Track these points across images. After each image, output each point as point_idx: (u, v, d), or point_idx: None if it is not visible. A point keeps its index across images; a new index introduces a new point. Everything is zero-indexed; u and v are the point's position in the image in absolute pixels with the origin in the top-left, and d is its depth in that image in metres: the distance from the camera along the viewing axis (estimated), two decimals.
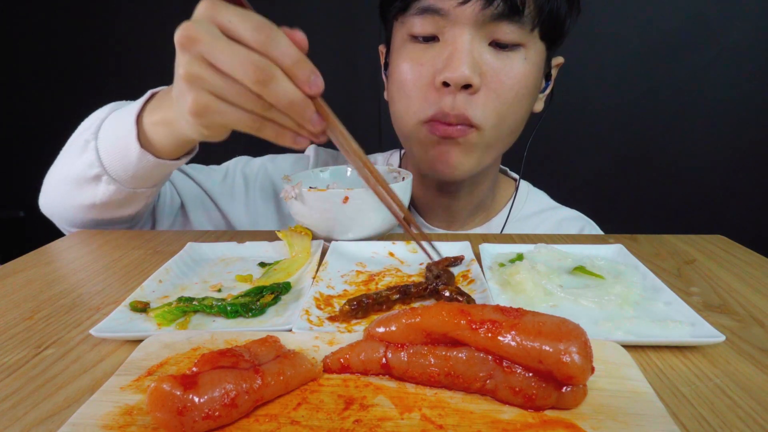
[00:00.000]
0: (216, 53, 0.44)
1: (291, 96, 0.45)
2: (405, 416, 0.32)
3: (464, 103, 0.69)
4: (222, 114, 0.47)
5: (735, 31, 1.74)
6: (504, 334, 0.33)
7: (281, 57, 0.44)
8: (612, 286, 0.51)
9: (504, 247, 0.63)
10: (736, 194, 1.90)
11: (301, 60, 0.45)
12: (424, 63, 0.71)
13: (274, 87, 0.44)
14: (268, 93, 0.44)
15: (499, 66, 0.69)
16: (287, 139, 0.48)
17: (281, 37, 0.44)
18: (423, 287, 0.51)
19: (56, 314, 0.50)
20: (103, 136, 0.66)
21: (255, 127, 0.48)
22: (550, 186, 0.98)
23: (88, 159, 0.66)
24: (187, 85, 0.46)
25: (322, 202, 0.63)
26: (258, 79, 0.43)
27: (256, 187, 0.91)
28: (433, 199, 0.87)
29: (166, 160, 0.65)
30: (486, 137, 0.73)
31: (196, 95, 0.46)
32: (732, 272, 0.60)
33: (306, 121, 0.47)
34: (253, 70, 0.43)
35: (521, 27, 0.68)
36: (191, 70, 0.45)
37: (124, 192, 0.69)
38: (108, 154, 0.65)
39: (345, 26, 1.91)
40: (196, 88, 0.46)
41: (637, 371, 0.36)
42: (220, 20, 0.44)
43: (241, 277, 0.58)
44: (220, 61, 0.44)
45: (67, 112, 2.09)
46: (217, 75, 0.45)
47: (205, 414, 0.30)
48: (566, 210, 0.93)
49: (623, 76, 1.83)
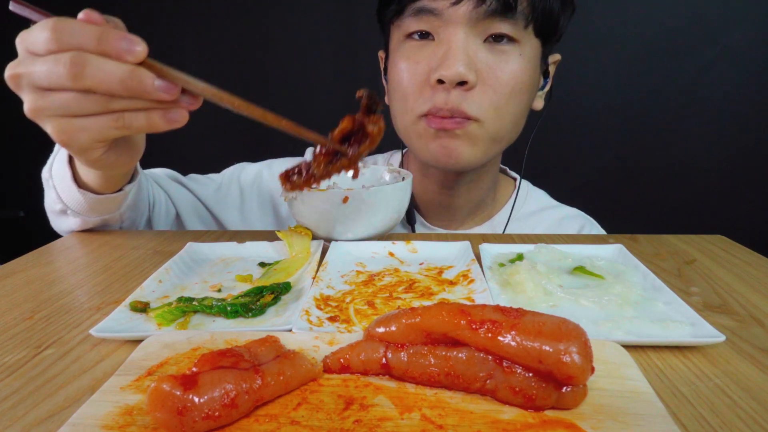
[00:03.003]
0: (35, 75, 0.43)
1: (115, 72, 0.42)
2: (405, 416, 0.32)
3: (459, 99, 0.70)
4: (82, 129, 0.46)
5: (735, 31, 1.74)
6: (504, 334, 0.33)
7: (82, 42, 0.42)
8: (612, 286, 0.51)
9: (504, 247, 0.63)
10: (736, 194, 1.90)
11: (103, 34, 0.42)
12: (419, 61, 0.72)
13: (91, 71, 0.42)
14: (91, 81, 0.42)
15: (494, 62, 0.70)
16: (158, 121, 0.46)
17: (73, 25, 0.42)
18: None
19: (56, 314, 0.50)
20: (55, 174, 0.67)
21: (120, 126, 0.46)
22: (550, 186, 0.98)
23: (52, 195, 0.69)
24: (37, 119, 0.46)
25: (322, 202, 0.63)
26: (71, 72, 0.41)
27: (252, 194, 0.92)
28: (433, 198, 0.87)
29: (107, 194, 0.66)
30: (489, 129, 0.73)
31: (51, 125, 0.46)
32: (732, 272, 0.60)
33: (151, 92, 0.43)
34: (63, 65, 0.42)
35: (515, 23, 0.69)
36: (31, 104, 0.45)
37: (91, 221, 0.72)
38: (62, 191, 0.67)
39: (345, 28, 1.91)
40: (46, 121, 0.46)
41: (637, 371, 0.36)
42: (26, 45, 0.44)
43: (241, 277, 0.58)
44: (39, 79, 0.43)
45: None
46: (51, 96, 0.44)
47: (205, 414, 0.30)
48: (566, 208, 0.93)
49: (623, 76, 1.83)
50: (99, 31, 0.42)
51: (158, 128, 0.47)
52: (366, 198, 0.63)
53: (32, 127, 0.49)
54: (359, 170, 0.53)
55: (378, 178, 0.77)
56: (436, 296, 0.52)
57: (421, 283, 0.55)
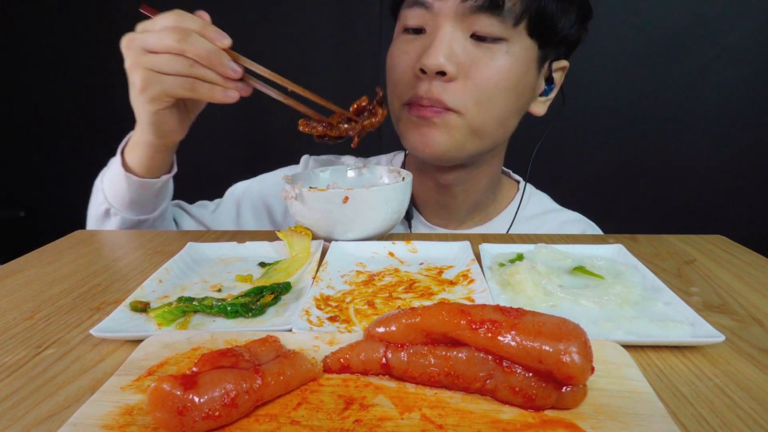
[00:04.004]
0: (148, 40, 0.60)
1: (207, 46, 0.59)
2: (405, 416, 0.32)
3: (440, 89, 0.71)
4: (161, 82, 0.61)
5: (735, 31, 1.74)
6: (504, 334, 0.33)
7: (191, 25, 0.59)
8: (612, 286, 0.51)
9: (504, 247, 0.63)
10: (736, 194, 1.90)
11: (207, 24, 0.60)
12: (409, 52, 0.75)
13: (192, 41, 0.58)
14: (188, 48, 0.58)
15: (478, 56, 0.71)
16: (217, 93, 0.61)
17: (187, 15, 0.60)
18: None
19: (56, 314, 0.50)
20: (105, 178, 0.79)
21: (189, 88, 0.61)
22: (550, 186, 0.98)
23: (99, 198, 0.79)
24: (131, 71, 0.62)
25: (322, 202, 0.63)
26: (178, 38, 0.58)
27: (246, 206, 0.95)
28: (431, 197, 0.88)
29: (146, 178, 0.75)
30: (469, 122, 0.73)
31: (140, 74, 0.61)
32: (732, 272, 0.60)
33: (225, 68, 0.60)
34: (173, 35, 0.58)
35: (502, 21, 0.69)
36: (132, 59, 0.61)
37: (128, 221, 0.79)
38: (109, 190, 0.78)
39: (345, 26, 1.91)
40: (138, 69, 0.61)
41: (637, 371, 0.36)
42: (144, 26, 0.62)
43: (241, 277, 0.58)
44: (151, 43, 0.60)
45: (67, 112, 2.11)
46: (151, 55, 0.60)
47: (205, 414, 0.31)
48: (568, 212, 0.93)
49: (623, 77, 1.82)
50: (204, 22, 0.60)
51: (214, 98, 0.62)
52: (366, 198, 0.63)
53: (33, 127, 0.50)
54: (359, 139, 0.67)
55: (378, 178, 0.77)
56: (436, 296, 0.52)
57: (421, 283, 0.55)
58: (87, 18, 1.98)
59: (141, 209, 0.79)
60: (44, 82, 2.08)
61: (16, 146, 2.16)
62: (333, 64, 1.95)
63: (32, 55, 2.06)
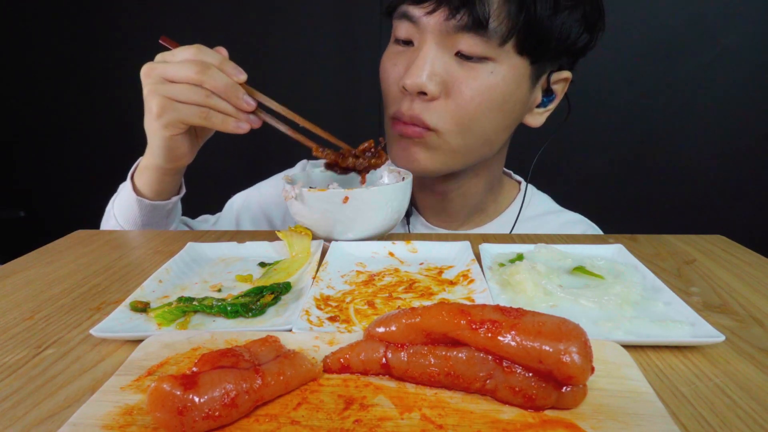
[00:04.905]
0: (168, 70, 0.63)
1: (225, 80, 0.62)
2: (405, 416, 0.32)
3: (421, 108, 0.72)
4: (177, 110, 0.63)
5: (735, 31, 1.74)
6: (504, 334, 0.33)
7: (211, 59, 0.63)
8: (612, 286, 0.51)
9: (504, 247, 0.63)
10: (736, 194, 1.90)
11: (225, 60, 0.64)
12: (397, 64, 0.75)
13: (211, 74, 0.62)
14: (206, 80, 0.61)
15: (461, 77, 0.70)
16: (230, 124, 0.64)
17: (207, 50, 0.64)
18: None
19: (56, 314, 0.50)
20: (116, 204, 0.82)
21: (203, 117, 0.63)
22: (550, 186, 0.98)
23: (111, 223, 0.82)
24: (149, 97, 0.64)
25: (322, 202, 0.63)
26: (197, 69, 0.61)
27: (245, 216, 0.96)
28: (428, 201, 0.88)
29: (156, 201, 0.78)
30: (448, 141, 0.73)
31: (157, 101, 0.63)
32: (732, 272, 0.60)
33: (240, 101, 0.63)
34: (194, 67, 0.61)
35: (487, 41, 0.67)
36: (151, 87, 0.64)
37: None
38: (121, 215, 0.80)
39: (345, 28, 1.91)
40: (156, 96, 0.63)
41: (637, 371, 0.36)
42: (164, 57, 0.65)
43: (241, 277, 0.58)
44: (171, 73, 0.62)
45: (67, 113, 2.11)
46: (169, 84, 0.63)
47: (205, 414, 0.31)
48: (570, 214, 0.93)
49: (623, 76, 1.83)
50: (223, 57, 0.64)
51: (226, 128, 0.65)
52: (366, 198, 0.63)
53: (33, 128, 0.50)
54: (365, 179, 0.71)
55: (378, 178, 0.77)
56: (436, 296, 0.52)
57: (421, 283, 0.55)
58: (88, 19, 1.98)
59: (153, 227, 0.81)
60: (45, 83, 2.08)
61: (17, 146, 2.16)
62: (332, 66, 1.95)
63: (33, 56, 2.06)
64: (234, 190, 1.00)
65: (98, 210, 0.86)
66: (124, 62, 2.07)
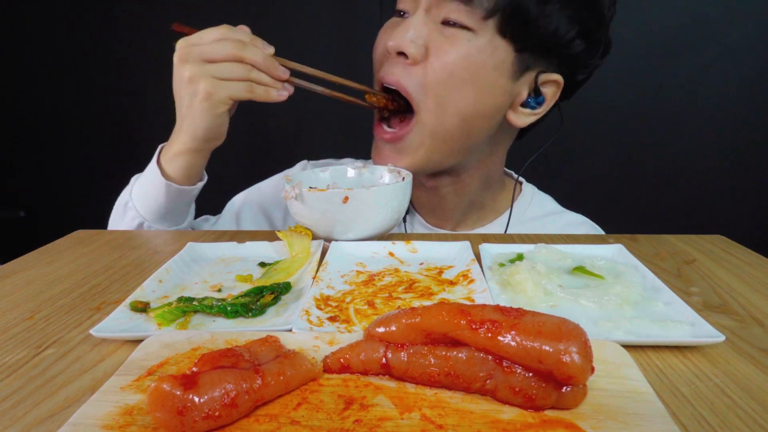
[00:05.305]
0: (205, 50, 0.66)
1: (261, 53, 0.67)
2: (405, 416, 0.32)
3: (400, 72, 0.73)
4: (225, 87, 0.67)
5: (735, 31, 1.74)
6: (504, 334, 0.33)
7: (243, 37, 0.67)
8: (612, 286, 0.51)
9: (504, 247, 0.63)
10: (736, 194, 1.90)
11: (254, 37, 0.69)
12: (387, 31, 0.78)
13: (248, 49, 0.66)
14: (246, 55, 0.66)
15: (441, 41, 0.72)
16: (272, 93, 0.69)
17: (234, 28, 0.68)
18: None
19: (56, 314, 0.50)
20: (135, 193, 0.80)
21: (249, 90, 0.68)
22: (550, 186, 0.98)
23: (130, 214, 0.80)
24: (194, 81, 0.67)
25: (322, 202, 0.63)
26: (236, 46, 0.66)
27: (245, 215, 0.96)
28: (422, 197, 0.89)
29: (185, 185, 0.77)
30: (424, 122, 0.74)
31: (204, 83, 0.66)
32: (732, 272, 0.60)
33: (278, 71, 0.69)
34: (233, 45, 0.66)
35: (471, 11, 0.70)
36: (194, 71, 0.66)
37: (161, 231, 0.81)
38: (141, 204, 0.79)
39: (345, 24, 1.91)
40: (203, 78, 0.66)
41: (637, 371, 0.36)
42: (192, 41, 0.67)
43: (241, 277, 0.58)
44: (210, 53, 0.66)
45: (67, 113, 2.11)
46: (212, 64, 0.66)
47: (205, 414, 0.31)
48: (571, 214, 0.92)
49: (623, 76, 1.82)
50: (251, 35, 0.69)
51: (270, 98, 0.69)
52: (366, 198, 0.63)
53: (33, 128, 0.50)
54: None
55: (378, 178, 0.77)
56: (436, 296, 0.52)
57: (421, 283, 0.55)
58: (88, 19, 1.98)
59: (173, 220, 0.81)
60: (45, 83, 2.08)
61: (17, 146, 2.16)
62: (333, 62, 1.95)
63: (33, 55, 2.06)
64: (234, 190, 1.00)
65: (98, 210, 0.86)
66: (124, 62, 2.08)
